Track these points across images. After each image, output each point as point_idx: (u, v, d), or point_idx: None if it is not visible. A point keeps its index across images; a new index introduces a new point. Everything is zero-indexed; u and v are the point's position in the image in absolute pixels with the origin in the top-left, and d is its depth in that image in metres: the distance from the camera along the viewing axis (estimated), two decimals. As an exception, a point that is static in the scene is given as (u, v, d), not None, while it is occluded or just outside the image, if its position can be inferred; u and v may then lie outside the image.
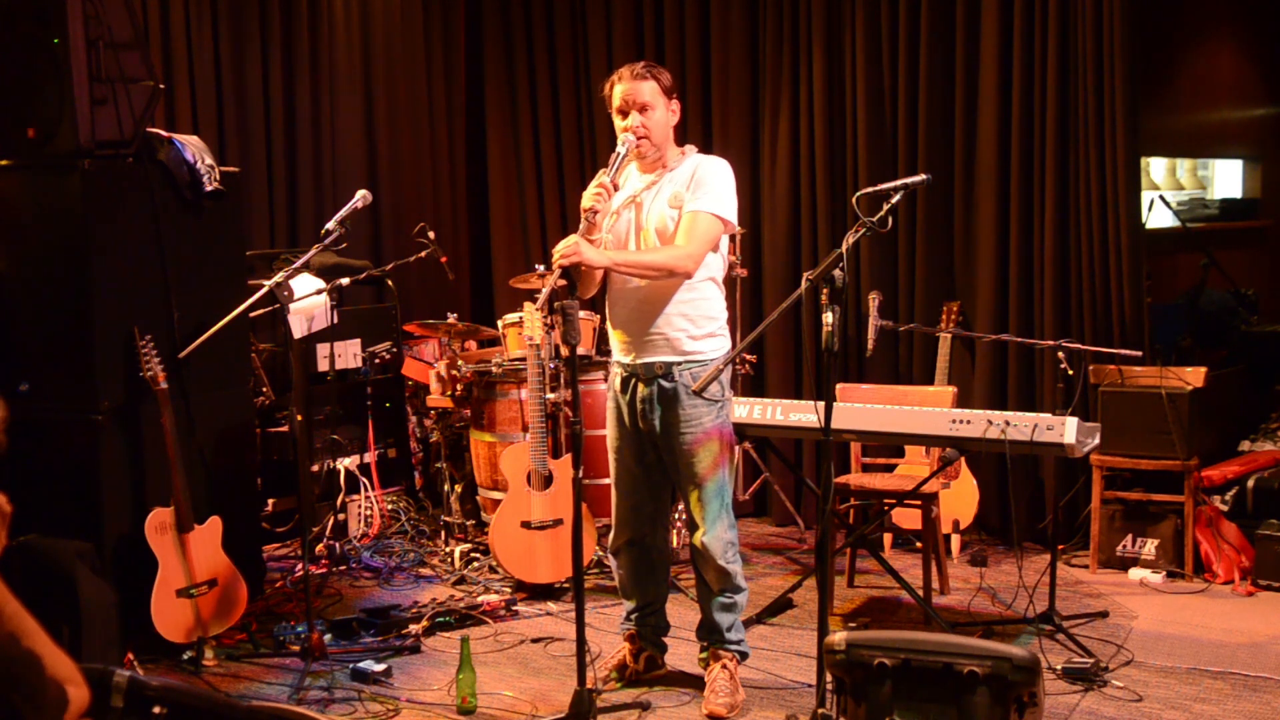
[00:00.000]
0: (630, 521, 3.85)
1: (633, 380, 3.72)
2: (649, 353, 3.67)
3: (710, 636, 3.83)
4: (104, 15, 4.09)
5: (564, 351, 4.84)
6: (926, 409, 4.28)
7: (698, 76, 6.32)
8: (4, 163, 4.25)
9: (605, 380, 5.29)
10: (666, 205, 3.64)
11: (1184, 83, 7.54)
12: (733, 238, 5.66)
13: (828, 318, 3.11)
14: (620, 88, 3.64)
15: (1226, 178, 8.36)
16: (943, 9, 5.60)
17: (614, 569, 4.01)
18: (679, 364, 3.64)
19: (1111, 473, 5.11)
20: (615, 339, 3.78)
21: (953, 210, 5.65)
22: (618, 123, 3.66)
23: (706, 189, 3.61)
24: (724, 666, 3.76)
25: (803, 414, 4.29)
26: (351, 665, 4.05)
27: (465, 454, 5.58)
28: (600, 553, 5.02)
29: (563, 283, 3.44)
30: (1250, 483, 5.12)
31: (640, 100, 3.61)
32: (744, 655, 3.84)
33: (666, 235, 3.63)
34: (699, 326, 3.66)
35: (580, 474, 3.40)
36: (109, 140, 4.16)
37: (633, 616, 3.95)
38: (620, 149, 3.60)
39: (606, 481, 5.26)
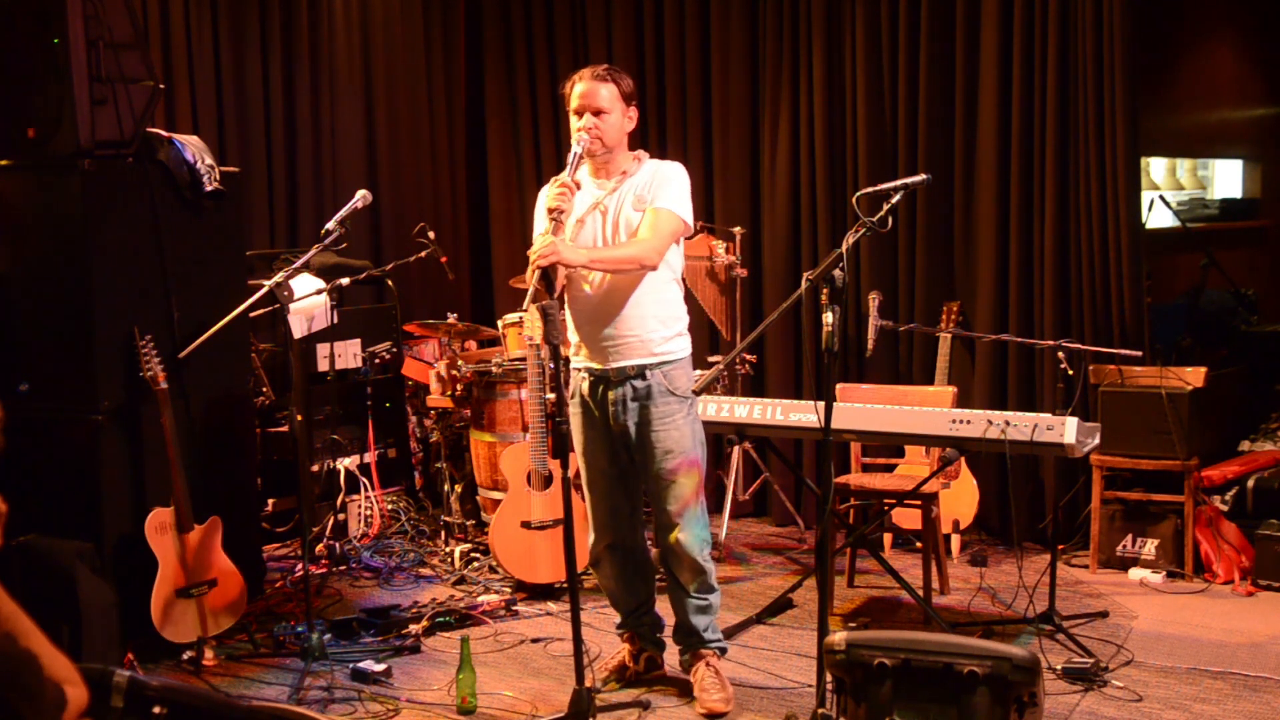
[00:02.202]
0: (609, 525, 3.82)
1: (601, 385, 3.70)
2: (622, 356, 3.65)
3: (688, 640, 3.82)
4: (104, 15, 4.09)
5: (545, 352, 4.82)
6: (926, 409, 4.28)
7: (698, 76, 6.32)
8: (4, 163, 4.26)
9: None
10: (632, 209, 3.65)
11: (1184, 83, 7.54)
12: (732, 237, 5.67)
13: (828, 318, 3.11)
14: (579, 87, 3.64)
15: (1226, 178, 8.36)
16: (943, 9, 5.60)
17: (598, 581, 3.98)
18: (651, 365, 3.64)
19: (1111, 473, 5.10)
20: (584, 344, 3.74)
21: (953, 210, 5.65)
22: (573, 122, 3.65)
23: (667, 190, 3.62)
24: (708, 664, 3.76)
25: (803, 414, 4.29)
26: (351, 665, 4.05)
27: (465, 454, 5.58)
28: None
29: (541, 284, 3.43)
30: (1250, 483, 5.12)
31: (595, 104, 3.60)
32: (723, 650, 3.85)
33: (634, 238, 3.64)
34: (669, 327, 3.68)
35: (570, 473, 3.40)
36: (109, 140, 4.16)
37: (627, 622, 3.94)
38: (577, 148, 3.59)
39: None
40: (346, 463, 5.64)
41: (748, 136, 6.17)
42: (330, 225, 4.06)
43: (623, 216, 3.65)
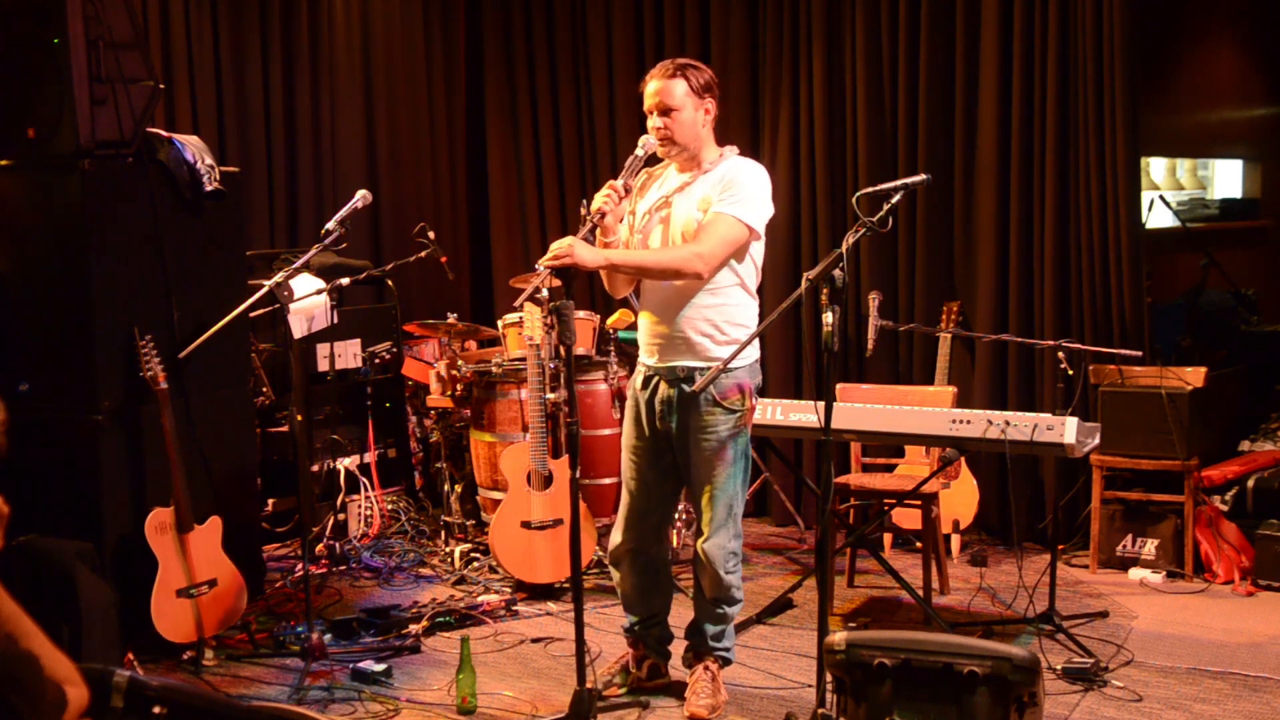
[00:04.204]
0: (635, 528, 3.76)
1: (655, 380, 3.67)
2: (672, 356, 3.61)
3: (695, 639, 3.80)
4: (104, 15, 4.09)
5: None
6: (926, 409, 4.28)
7: (698, 76, 6.31)
8: (4, 163, 4.26)
9: (605, 380, 5.31)
10: (695, 208, 3.56)
11: (1184, 83, 7.54)
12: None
13: (828, 318, 3.11)
14: (650, 86, 3.57)
15: (1226, 178, 8.36)
16: (943, 9, 5.60)
17: (615, 581, 3.92)
18: (701, 369, 3.55)
19: (1111, 473, 5.10)
20: (641, 339, 3.73)
21: (953, 210, 5.65)
22: (649, 122, 3.59)
23: (734, 193, 3.51)
24: (706, 668, 3.74)
25: (803, 414, 4.29)
26: (351, 665, 4.05)
27: (465, 454, 5.58)
28: (600, 553, 5.02)
29: (557, 282, 3.39)
30: (1250, 483, 5.12)
31: (666, 102, 3.53)
32: (727, 661, 3.80)
33: (690, 238, 3.56)
34: (724, 333, 3.58)
35: (577, 474, 3.39)
36: (109, 140, 4.16)
37: (635, 629, 3.89)
38: (639, 150, 3.53)
39: (606, 481, 5.25)
40: (346, 463, 5.64)
41: (748, 137, 6.16)
42: (330, 225, 4.06)
43: (681, 214, 3.58)
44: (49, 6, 4.00)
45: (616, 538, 3.81)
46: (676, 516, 5.04)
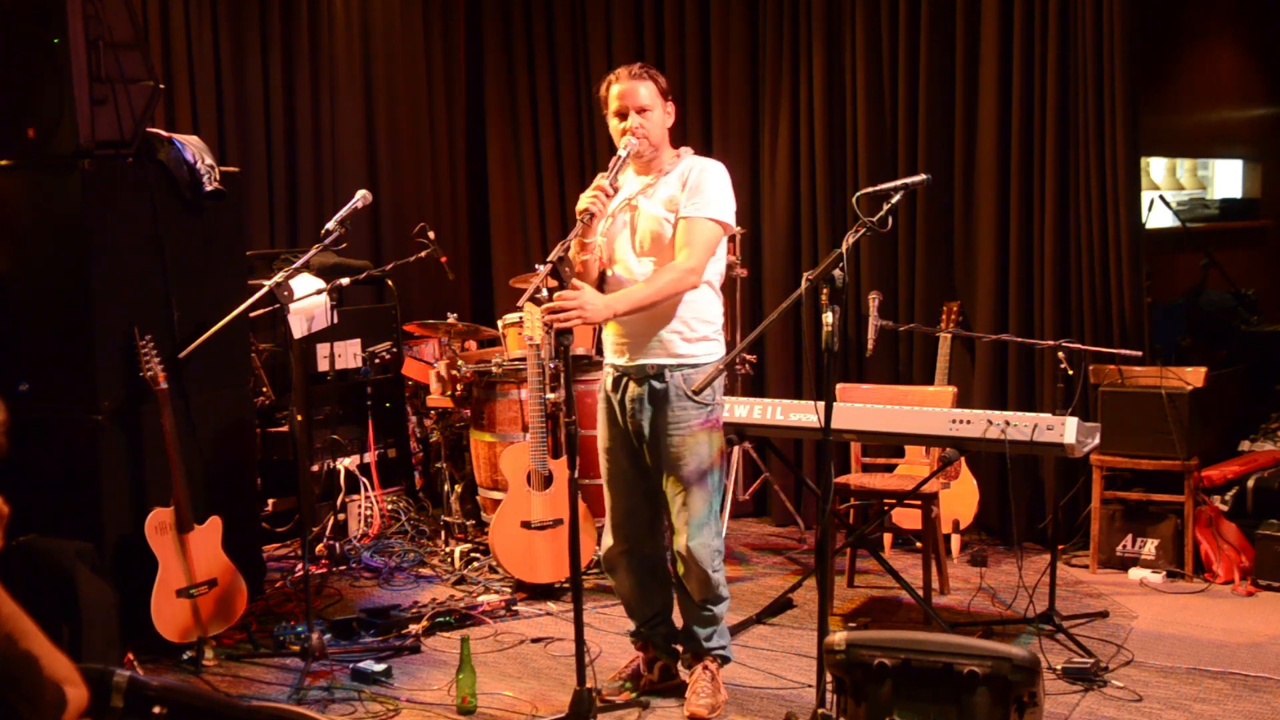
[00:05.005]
0: (625, 528, 3.76)
1: (624, 379, 3.68)
2: (642, 354, 3.62)
3: (689, 643, 3.79)
4: (104, 15, 4.09)
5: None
6: (926, 409, 4.28)
7: (698, 76, 6.32)
8: (4, 163, 4.26)
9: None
10: (661, 208, 3.60)
11: (1184, 83, 7.54)
12: (732, 238, 5.65)
13: (828, 318, 3.11)
14: (617, 88, 3.61)
15: (1226, 178, 8.36)
16: (943, 9, 5.60)
17: (614, 586, 3.90)
18: (671, 366, 3.59)
19: (1111, 473, 5.10)
20: (609, 339, 3.73)
21: (953, 210, 5.65)
22: (614, 125, 3.62)
23: (702, 194, 3.55)
24: (705, 668, 3.73)
25: (803, 414, 4.29)
26: (351, 665, 4.05)
27: (465, 454, 5.58)
28: (599, 553, 5.01)
29: (553, 283, 3.41)
30: (1250, 483, 5.12)
31: (638, 102, 3.57)
32: (726, 660, 3.80)
33: (661, 238, 3.59)
34: (693, 330, 3.61)
35: (576, 474, 3.39)
36: (109, 140, 4.16)
37: (642, 631, 3.88)
38: (622, 152, 3.56)
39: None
40: (346, 463, 5.64)
41: (748, 137, 6.17)
42: (330, 225, 4.06)
43: (647, 215, 3.61)
44: (49, 6, 4.00)
45: (608, 541, 3.81)
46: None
